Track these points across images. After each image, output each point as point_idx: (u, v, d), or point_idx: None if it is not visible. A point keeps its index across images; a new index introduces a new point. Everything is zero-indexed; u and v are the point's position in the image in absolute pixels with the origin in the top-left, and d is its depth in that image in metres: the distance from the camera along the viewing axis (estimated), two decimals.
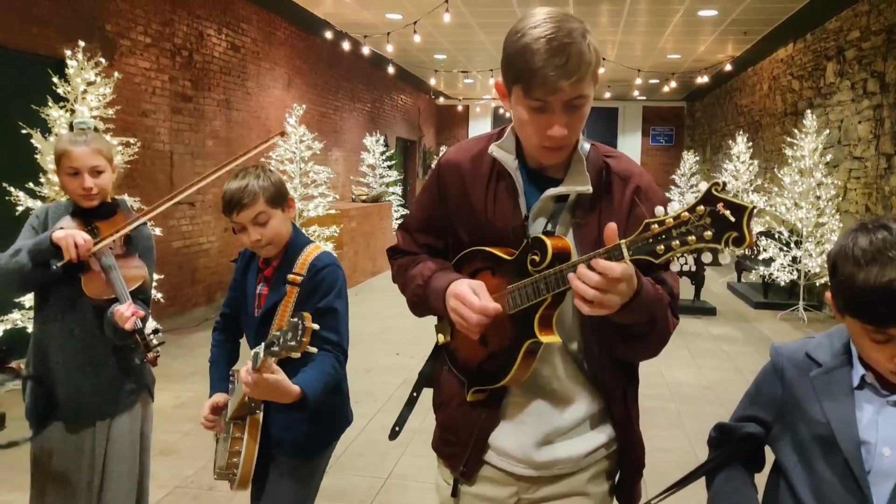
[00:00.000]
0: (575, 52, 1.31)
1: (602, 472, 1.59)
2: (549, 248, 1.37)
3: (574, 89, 1.33)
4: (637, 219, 1.43)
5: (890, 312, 1.14)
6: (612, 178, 1.49)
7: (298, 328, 1.74)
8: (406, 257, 1.72)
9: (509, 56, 1.39)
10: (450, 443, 1.64)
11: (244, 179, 2.09)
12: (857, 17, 8.29)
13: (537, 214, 1.50)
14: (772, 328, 7.91)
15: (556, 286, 1.34)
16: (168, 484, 3.72)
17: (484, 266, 1.54)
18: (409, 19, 9.99)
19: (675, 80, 14.68)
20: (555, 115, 1.36)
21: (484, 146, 1.56)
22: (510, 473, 1.57)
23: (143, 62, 7.16)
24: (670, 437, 4.56)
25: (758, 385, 1.45)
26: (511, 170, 1.51)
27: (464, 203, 1.58)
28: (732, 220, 1.08)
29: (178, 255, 7.80)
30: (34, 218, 2.36)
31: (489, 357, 1.53)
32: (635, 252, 1.19)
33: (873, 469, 1.23)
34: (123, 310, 2.14)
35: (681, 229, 1.13)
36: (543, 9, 1.39)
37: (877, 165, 7.60)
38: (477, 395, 1.57)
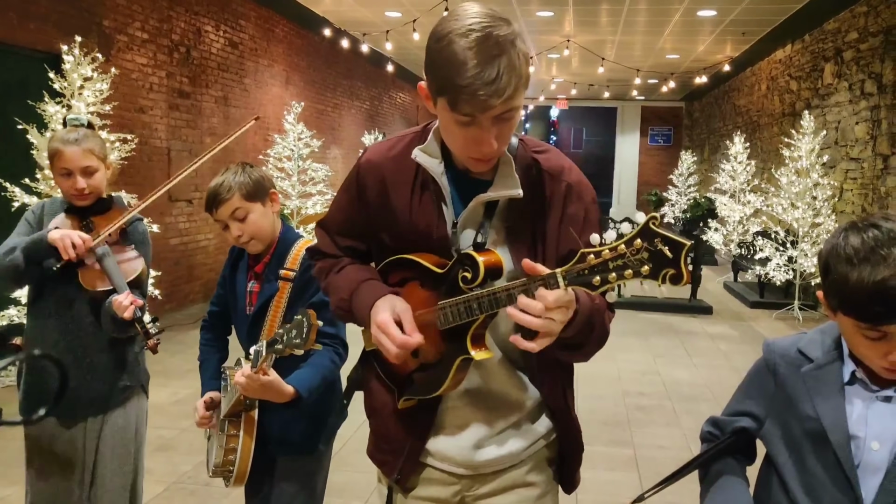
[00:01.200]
0: (505, 67, 1.21)
1: (542, 461, 1.59)
2: (481, 265, 1.33)
3: (505, 105, 1.25)
4: (571, 219, 1.43)
5: (884, 310, 1.15)
6: (543, 177, 1.44)
7: (304, 325, 1.72)
8: (327, 260, 1.63)
9: (433, 63, 1.27)
10: (384, 450, 1.60)
11: (222, 176, 2.10)
12: (855, 19, 8.31)
13: (466, 222, 1.44)
14: (768, 327, 7.93)
15: (489, 308, 1.30)
16: (165, 480, 3.72)
17: (412, 276, 1.48)
18: (409, 17, 9.99)
19: (674, 80, 14.70)
20: (483, 129, 1.28)
21: (406, 147, 1.48)
22: (451, 474, 1.55)
23: (140, 58, 7.15)
24: (667, 434, 4.58)
25: (750, 380, 1.47)
26: (436, 175, 1.43)
27: (385, 207, 1.49)
28: (670, 257, 1.07)
29: (175, 252, 7.80)
30: (30, 213, 2.36)
31: (420, 368, 1.49)
32: (571, 282, 1.17)
33: (862, 463, 1.25)
34: (122, 299, 2.14)
35: (617, 262, 1.12)
36: (472, 7, 1.27)
37: (873, 166, 7.62)
38: (408, 402, 1.53)
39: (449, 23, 1.27)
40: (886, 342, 1.19)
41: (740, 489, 1.40)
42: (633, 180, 20.75)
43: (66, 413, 2.28)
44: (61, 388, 0.73)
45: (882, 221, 1.20)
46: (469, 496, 1.57)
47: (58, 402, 2.23)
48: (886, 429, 1.24)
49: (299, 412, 2.09)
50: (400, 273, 1.51)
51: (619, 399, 5.27)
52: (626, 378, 5.82)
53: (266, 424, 2.10)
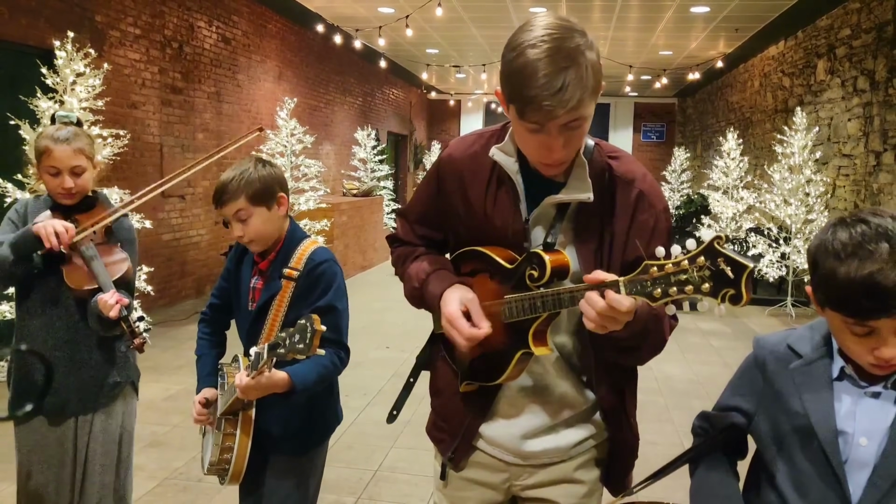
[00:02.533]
0: (572, 80, 1.25)
1: (591, 461, 1.62)
2: (548, 265, 1.38)
3: (571, 115, 1.29)
4: (640, 226, 1.46)
5: (871, 305, 1.16)
6: (615, 182, 1.47)
7: (307, 331, 1.71)
8: (405, 247, 1.72)
9: (505, 73, 1.33)
10: (442, 429, 1.68)
11: (234, 171, 2.06)
12: (848, 15, 8.33)
13: (537, 220, 1.49)
14: (760, 323, 7.96)
15: (552, 307, 1.35)
16: (157, 476, 3.71)
17: (483, 268, 1.53)
18: (402, 13, 9.97)
19: (667, 76, 14.72)
20: (551, 137, 1.32)
21: (485, 145, 1.54)
22: (501, 460, 1.61)
23: (132, 54, 7.12)
24: (658, 430, 4.59)
25: (740, 376, 1.48)
26: (512, 173, 1.48)
27: (462, 201, 1.56)
28: (731, 277, 1.08)
29: (167, 248, 7.77)
30: (14, 212, 2.34)
31: (483, 356, 1.54)
32: (632, 291, 1.20)
33: (850, 459, 1.25)
34: (107, 298, 2.13)
35: (679, 276, 1.13)
36: (544, 18, 1.32)
37: (865, 163, 7.65)
38: (469, 387, 1.60)
39: (522, 34, 1.31)
40: (874, 337, 1.19)
41: (729, 484, 1.41)
42: None
43: (56, 410, 2.27)
44: (46, 383, 0.73)
45: (870, 217, 1.20)
46: (517, 485, 1.62)
47: (42, 397, 2.23)
48: (874, 424, 1.24)
49: (295, 412, 2.10)
50: (472, 264, 1.57)
51: None
52: None
53: (262, 424, 2.10)
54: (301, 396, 2.02)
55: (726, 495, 1.38)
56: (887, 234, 1.16)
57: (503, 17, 10.54)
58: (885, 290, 1.14)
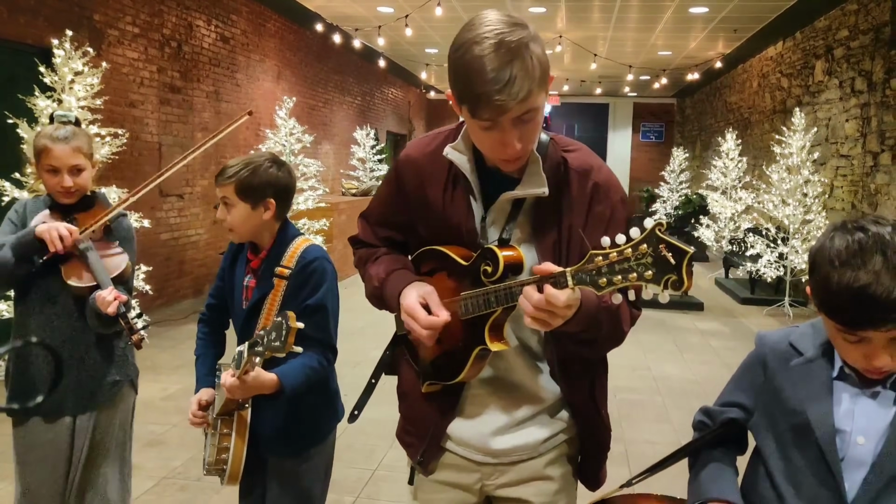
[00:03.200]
0: (518, 71, 1.26)
1: (562, 456, 1.62)
2: (501, 260, 1.39)
3: (522, 107, 1.29)
4: (596, 217, 1.46)
5: (859, 316, 1.16)
6: (571, 175, 1.48)
7: (283, 328, 1.73)
8: (366, 249, 1.72)
9: (453, 72, 1.34)
10: (410, 433, 1.68)
11: (244, 159, 2.10)
12: (846, 16, 8.34)
13: (494, 217, 1.50)
14: (758, 323, 7.97)
15: (505, 301, 1.36)
16: (155, 475, 3.71)
17: (440, 267, 1.55)
18: (401, 13, 9.97)
19: (666, 76, 14.72)
20: (505, 132, 1.33)
21: (441, 144, 1.54)
22: (471, 460, 1.60)
23: (131, 52, 7.11)
24: (657, 429, 4.60)
25: (742, 371, 1.48)
26: (466, 172, 1.49)
27: (421, 200, 1.57)
28: (673, 263, 1.11)
29: (165, 247, 7.77)
30: (13, 213, 2.34)
31: (443, 355, 1.55)
32: (579, 282, 1.21)
33: (847, 457, 1.25)
34: (105, 294, 2.13)
35: (623, 265, 1.15)
36: (486, 16, 1.32)
37: (863, 163, 7.66)
38: (432, 387, 1.59)
39: (465, 33, 1.32)
40: (865, 345, 1.20)
41: (727, 477, 1.41)
42: (625, 176, 20.77)
43: (54, 409, 2.27)
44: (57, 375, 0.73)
45: (871, 225, 1.19)
46: (489, 485, 1.61)
47: (54, 389, 2.24)
48: (872, 424, 1.25)
49: (289, 413, 2.09)
50: (430, 263, 1.58)
51: (609, 395, 5.28)
52: (616, 374, 5.81)
53: (258, 425, 2.10)
54: (289, 395, 2.02)
55: (724, 489, 1.38)
56: (883, 244, 1.16)
57: None
58: (874, 303, 1.13)
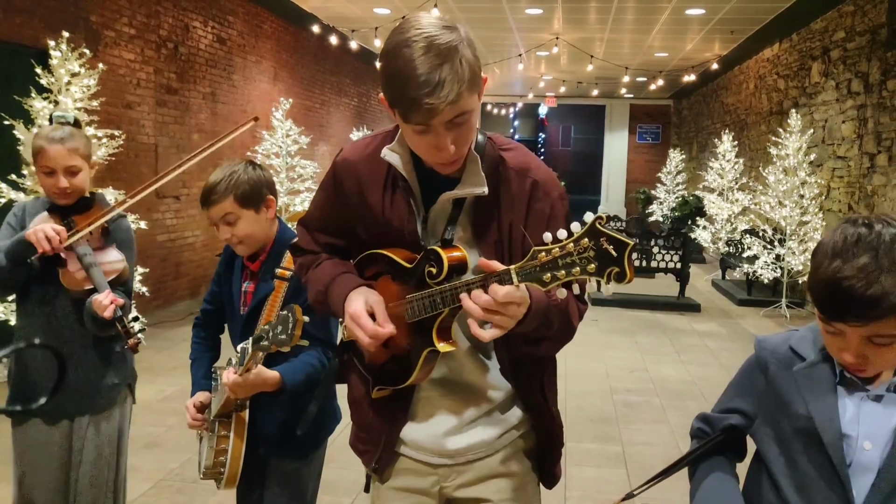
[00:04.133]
0: (447, 75, 1.25)
1: (518, 451, 1.61)
2: (445, 261, 1.38)
3: (453, 110, 1.28)
4: (536, 214, 1.46)
5: (834, 307, 1.17)
6: (509, 174, 1.47)
7: (289, 321, 1.71)
8: (307, 256, 1.68)
9: (384, 76, 1.32)
10: (363, 440, 1.66)
11: (221, 173, 2.05)
12: (843, 18, 8.36)
13: (435, 218, 1.49)
14: (755, 325, 7.98)
15: (451, 302, 1.35)
16: (152, 477, 3.70)
17: (385, 270, 1.53)
18: (397, 14, 9.97)
19: (663, 78, 14.74)
20: (439, 135, 1.32)
21: (378, 147, 1.52)
22: (427, 464, 1.59)
23: (127, 54, 7.10)
24: (654, 431, 4.60)
25: (741, 377, 1.46)
26: (405, 173, 1.47)
27: (361, 204, 1.54)
28: (614, 255, 1.11)
29: (162, 249, 7.75)
30: (12, 216, 2.34)
31: (391, 359, 1.53)
32: (524, 278, 1.21)
33: (854, 462, 1.24)
34: (101, 298, 2.12)
35: (566, 259, 1.15)
36: (416, 19, 1.31)
37: (860, 165, 7.68)
38: (381, 392, 1.57)
39: (395, 36, 1.31)
40: (840, 338, 1.20)
41: (730, 487, 1.40)
42: (622, 178, 20.80)
43: (52, 411, 2.27)
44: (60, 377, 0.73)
45: (877, 224, 1.19)
46: (447, 486, 1.60)
47: (57, 390, 2.23)
48: (878, 428, 1.24)
49: (289, 414, 2.09)
50: (374, 267, 1.56)
51: (606, 396, 5.29)
52: (613, 375, 5.84)
53: (256, 426, 2.09)
54: (290, 394, 2.01)
55: (727, 497, 1.37)
56: (878, 243, 1.16)
57: (499, 19, 10.55)
58: (849, 298, 1.14)
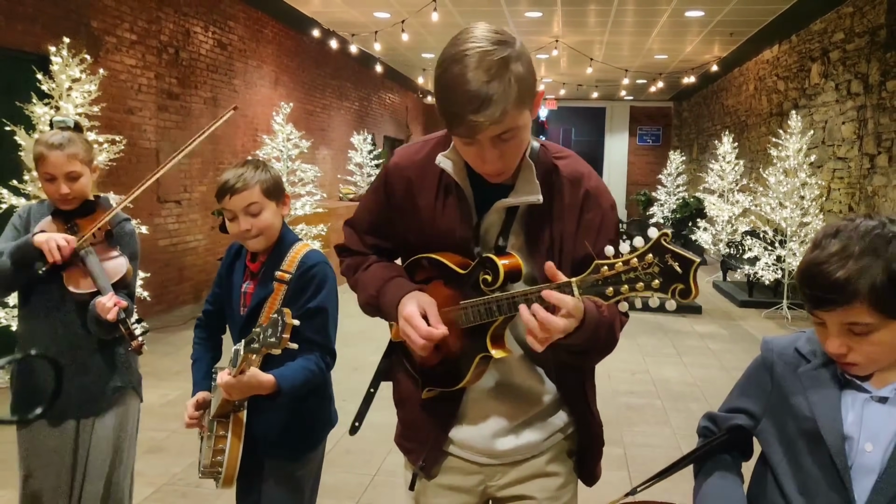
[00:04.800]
0: (495, 93, 1.24)
1: (562, 452, 1.65)
2: (501, 269, 1.39)
3: (498, 127, 1.28)
4: (587, 224, 1.48)
5: (808, 294, 1.19)
6: (563, 182, 1.49)
7: (279, 324, 1.73)
8: (355, 257, 1.69)
9: (435, 87, 1.32)
10: (410, 438, 1.68)
11: (242, 168, 2.08)
12: (842, 19, 8.37)
13: (488, 225, 1.50)
14: (757, 326, 7.98)
15: (507, 310, 1.36)
16: (156, 481, 3.71)
17: (436, 275, 1.54)
18: (397, 18, 9.99)
19: (663, 80, 14.75)
20: (485, 149, 1.32)
21: (431, 151, 1.53)
22: (474, 463, 1.61)
23: (128, 59, 7.12)
24: (656, 433, 4.60)
25: (748, 377, 1.47)
26: (459, 180, 1.47)
27: (411, 209, 1.55)
28: (679, 272, 1.11)
29: (164, 253, 7.76)
30: (17, 217, 2.35)
31: (442, 362, 1.54)
32: (585, 291, 1.22)
33: (855, 464, 1.25)
34: (105, 300, 2.13)
35: (630, 275, 1.16)
36: (472, 31, 1.30)
37: (860, 166, 7.68)
38: (431, 393, 1.59)
39: (449, 48, 1.31)
40: (823, 330, 1.22)
41: (734, 486, 1.40)
42: (623, 180, 20.80)
43: (58, 414, 2.28)
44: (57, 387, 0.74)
45: (865, 218, 1.21)
46: (492, 486, 1.63)
47: (54, 401, 2.23)
48: (881, 430, 1.24)
49: (287, 416, 2.10)
50: (425, 272, 1.57)
51: (608, 398, 5.29)
52: (615, 377, 5.84)
53: (254, 427, 2.10)
54: (287, 396, 2.02)
55: (731, 497, 1.37)
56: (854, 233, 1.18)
57: (499, 22, 10.54)
58: (818, 282, 1.17)
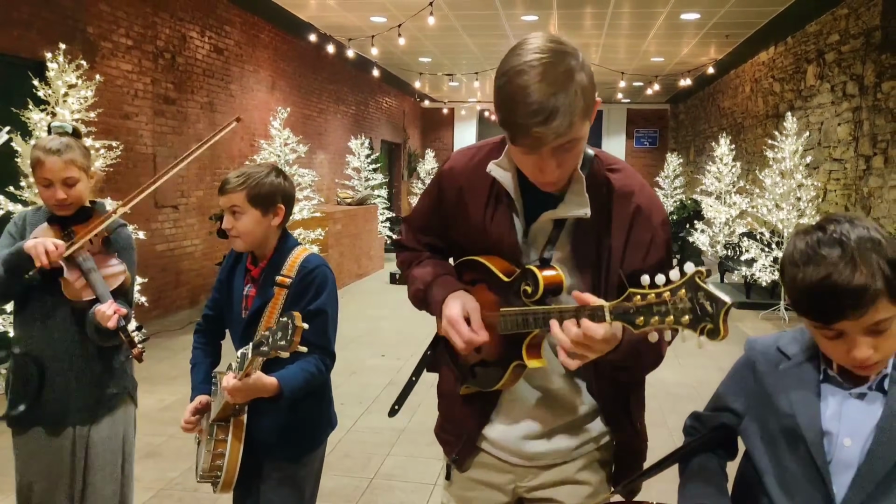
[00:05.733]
0: (561, 105, 1.24)
1: (595, 462, 1.64)
2: (541, 282, 1.41)
3: (561, 139, 1.29)
4: (636, 241, 1.47)
5: (831, 308, 1.17)
6: (613, 196, 1.48)
7: (288, 328, 1.74)
8: (409, 252, 1.76)
9: (497, 98, 1.32)
10: (447, 430, 1.73)
11: (249, 168, 2.12)
12: (837, 21, 8.40)
13: (535, 235, 1.52)
14: (754, 327, 7.98)
15: (543, 324, 1.36)
16: (153, 486, 3.70)
17: (481, 278, 1.57)
18: (394, 22, 10.01)
19: (659, 82, 14.78)
20: (543, 159, 1.33)
21: (483, 158, 1.55)
22: (505, 461, 1.64)
23: (124, 65, 7.12)
24: (652, 434, 4.55)
25: (731, 376, 1.50)
26: (510, 189, 1.49)
27: (462, 214, 1.59)
28: (710, 311, 1.10)
29: (161, 258, 7.76)
30: (12, 225, 2.35)
31: (481, 363, 1.58)
32: (616, 317, 1.22)
33: (834, 459, 1.26)
34: (105, 308, 2.13)
35: (661, 307, 1.15)
36: (534, 41, 1.30)
37: (856, 167, 7.70)
38: (468, 390, 1.64)
39: (510, 59, 1.31)
40: (844, 339, 1.21)
41: (718, 483, 1.42)
42: None
43: (54, 421, 2.27)
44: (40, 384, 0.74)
45: (828, 224, 1.22)
46: (522, 486, 1.65)
47: (37, 398, 2.24)
48: (859, 425, 1.25)
49: (286, 418, 2.10)
50: (472, 273, 1.60)
51: None
52: None
53: (254, 431, 2.10)
54: (289, 399, 2.03)
55: (714, 495, 1.39)
56: (841, 238, 1.18)
57: (495, 26, 10.58)
58: (839, 292, 1.15)
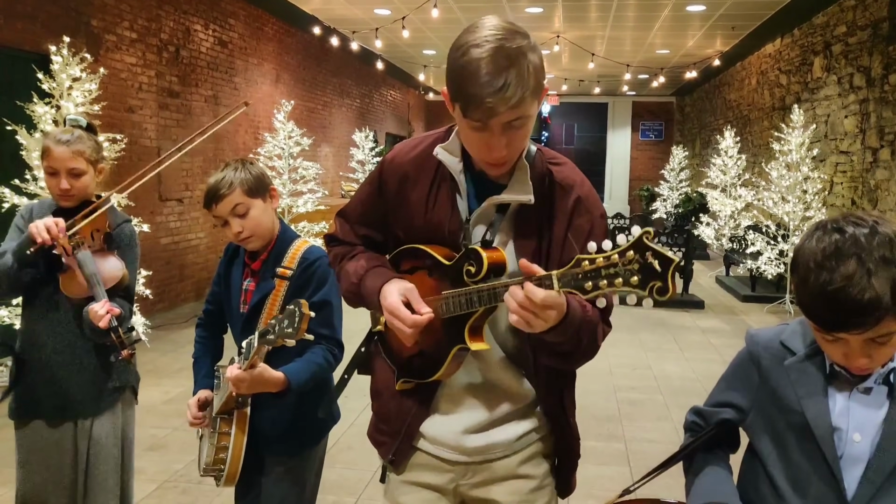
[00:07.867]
0: (513, 79, 1.29)
1: (537, 454, 1.63)
2: (485, 261, 1.41)
3: (512, 113, 1.32)
4: (576, 230, 1.49)
5: (833, 319, 1.17)
6: (555, 187, 1.51)
7: (295, 315, 1.73)
8: (342, 246, 1.72)
9: (450, 71, 1.37)
10: (382, 431, 1.68)
11: (221, 172, 2.09)
12: (844, 13, 8.34)
13: (478, 220, 1.51)
14: (759, 321, 7.97)
15: (488, 301, 1.37)
16: (157, 479, 3.72)
17: (421, 265, 1.55)
18: (398, 14, 9.98)
19: (664, 75, 14.73)
20: (494, 136, 1.35)
21: (429, 146, 1.56)
22: (444, 460, 1.60)
23: (129, 58, 7.12)
24: (657, 428, 4.60)
25: (733, 371, 1.48)
26: (455, 173, 1.51)
27: (403, 202, 1.58)
28: (658, 270, 1.12)
29: (166, 252, 7.77)
30: (19, 217, 2.35)
31: (419, 353, 1.56)
32: (565, 284, 1.22)
33: (845, 455, 1.26)
34: (97, 308, 2.12)
35: (610, 270, 1.16)
36: (489, 21, 1.36)
37: (863, 159, 7.66)
38: (406, 384, 1.60)
39: (467, 34, 1.35)
40: (842, 345, 1.20)
41: (725, 480, 1.41)
42: (625, 176, 20.79)
43: (56, 414, 2.28)
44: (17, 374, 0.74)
45: (849, 226, 1.19)
46: (463, 485, 1.61)
47: (12, 388, 2.29)
48: (867, 420, 1.25)
49: (289, 411, 2.10)
50: (411, 262, 1.58)
51: (609, 394, 5.29)
52: (617, 373, 5.84)
53: (256, 424, 2.10)
54: (296, 393, 2.02)
55: (723, 491, 1.38)
56: (859, 247, 1.16)
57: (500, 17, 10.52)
58: (847, 307, 1.14)
